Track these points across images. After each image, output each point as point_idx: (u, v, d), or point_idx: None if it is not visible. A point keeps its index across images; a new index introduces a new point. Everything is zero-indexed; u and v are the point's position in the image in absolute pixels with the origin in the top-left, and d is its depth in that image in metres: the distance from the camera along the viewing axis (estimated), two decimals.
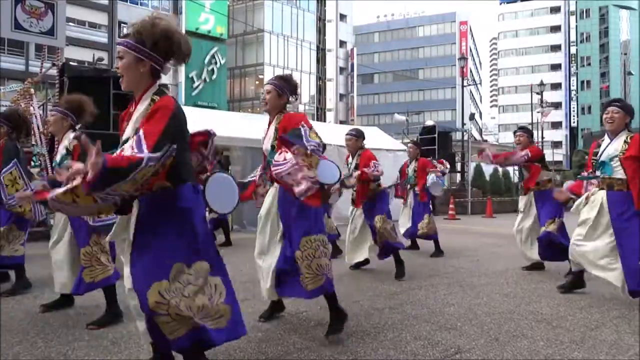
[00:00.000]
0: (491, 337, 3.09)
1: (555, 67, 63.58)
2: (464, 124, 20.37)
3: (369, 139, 8.39)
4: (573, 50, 62.09)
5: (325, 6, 45.29)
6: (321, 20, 44.45)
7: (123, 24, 29.74)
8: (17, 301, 3.88)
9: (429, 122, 20.58)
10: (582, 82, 62.04)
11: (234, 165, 9.51)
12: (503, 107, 69.19)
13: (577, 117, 58.71)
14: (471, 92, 60.47)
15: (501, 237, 7.40)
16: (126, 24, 30.12)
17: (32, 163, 8.17)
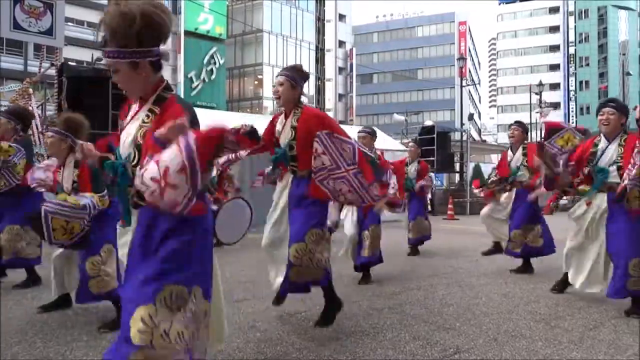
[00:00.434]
0: (490, 337, 3.09)
1: (554, 68, 63.67)
2: (462, 124, 20.43)
3: None
4: (572, 50, 62.21)
5: (324, 6, 45.27)
6: (320, 21, 44.44)
7: None
8: (15, 301, 3.87)
9: (428, 122, 20.57)
10: (581, 82, 62.10)
11: (232, 166, 9.47)
12: (502, 108, 69.23)
13: (576, 117, 58.76)
14: (470, 92, 60.50)
15: None
16: None
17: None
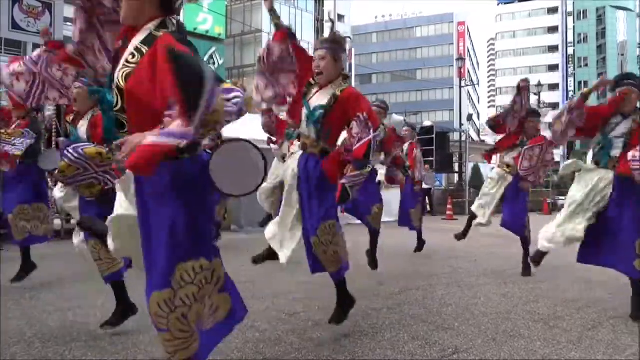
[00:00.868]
0: (488, 337, 3.09)
1: (553, 68, 63.75)
2: (461, 124, 20.43)
3: None
4: (570, 51, 62.31)
5: (323, 6, 45.27)
6: (319, 21, 44.45)
7: None
8: (14, 302, 3.87)
9: (427, 123, 20.56)
10: (580, 82, 62.09)
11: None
12: (501, 108, 69.31)
13: None
14: (469, 92, 60.49)
15: (499, 237, 7.39)
16: None
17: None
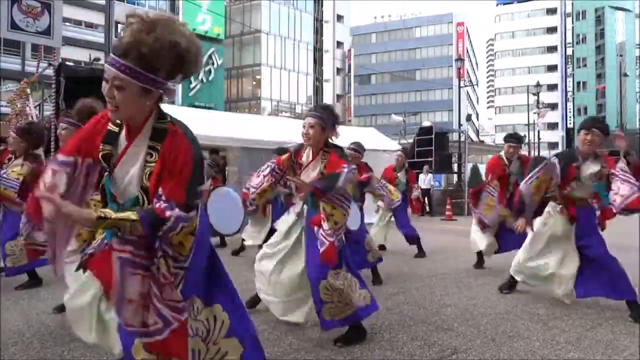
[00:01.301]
0: (487, 337, 3.10)
1: (552, 68, 63.82)
2: (460, 124, 20.47)
3: (365, 139, 8.37)
4: (569, 51, 62.34)
5: (322, 7, 45.30)
6: (318, 21, 44.46)
7: (120, 24, 29.65)
8: (13, 302, 3.86)
9: (426, 123, 20.61)
10: (578, 83, 62.22)
11: (231, 166, 9.48)
12: (500, 108, 69.34)
13: (574, 118, 58.86)
14: (468, 93, 60.56)
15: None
16: (123, 24, 29.98)
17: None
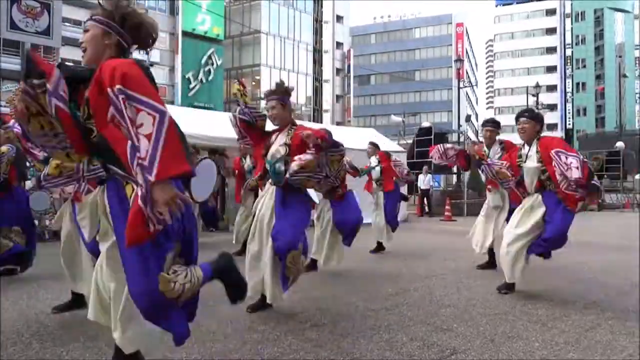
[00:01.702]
0: (487, 338, 3.10)
1: (551, 69, 63.90)
2: (460, 125, 20.46)
3: (365, 140, 8.34)
4: (568, 52, 62.40)
5: (322, 7, 45.31)
6: (318, 22, 44.47)
7: None
8: (11, 302, 3.86)
9: (426, 124, 20.63)
10: (578, 84, 62.28)
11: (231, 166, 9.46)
12: (499, 109, 69.36)
13: (573, 119, 58.97)
14: (467, 93, 60.69)
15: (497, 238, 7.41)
16: None
17: (28, 163, 8.13)
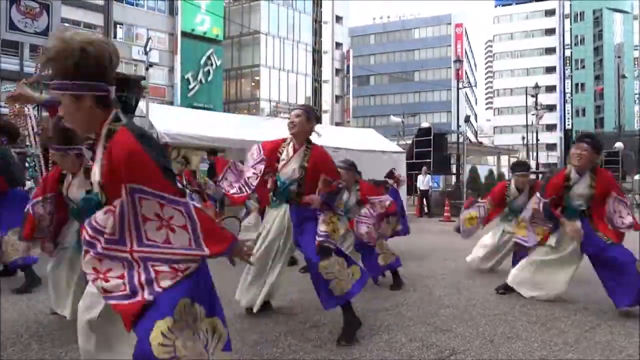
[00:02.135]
0: (486, 338, 3.10)
1: (550, 70, 63.88)
2: (459, 126, 20.47)
3: (364, 140, 8.33)
4: (567, 53, 62.38)
5: (321, 8, 45.34)
6: (317, 22, 44.49)
7: (118, 25, 29.62)
8: (11, 303, 3.85)
9: (425, 124, 20.61)
10: (577, 84, 62.25)
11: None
12: (498, 109, 69.40)
13: (572, 119, 58.93)
14: (466, 94, 60.67)
15: None
16: (122, 24, 29.98)
17: (27, 164, 8.14)
